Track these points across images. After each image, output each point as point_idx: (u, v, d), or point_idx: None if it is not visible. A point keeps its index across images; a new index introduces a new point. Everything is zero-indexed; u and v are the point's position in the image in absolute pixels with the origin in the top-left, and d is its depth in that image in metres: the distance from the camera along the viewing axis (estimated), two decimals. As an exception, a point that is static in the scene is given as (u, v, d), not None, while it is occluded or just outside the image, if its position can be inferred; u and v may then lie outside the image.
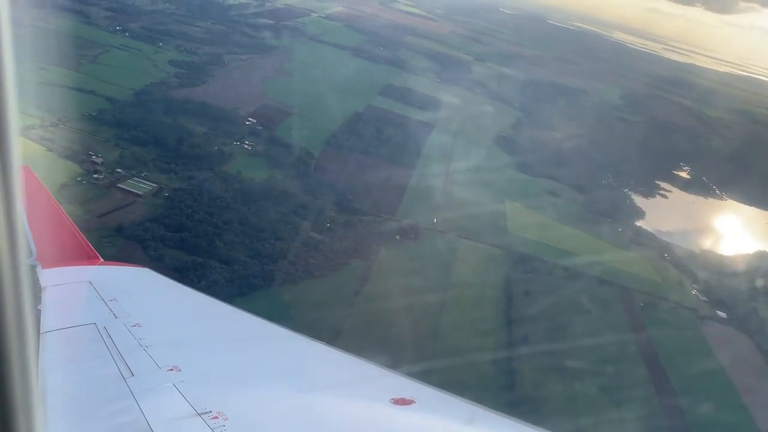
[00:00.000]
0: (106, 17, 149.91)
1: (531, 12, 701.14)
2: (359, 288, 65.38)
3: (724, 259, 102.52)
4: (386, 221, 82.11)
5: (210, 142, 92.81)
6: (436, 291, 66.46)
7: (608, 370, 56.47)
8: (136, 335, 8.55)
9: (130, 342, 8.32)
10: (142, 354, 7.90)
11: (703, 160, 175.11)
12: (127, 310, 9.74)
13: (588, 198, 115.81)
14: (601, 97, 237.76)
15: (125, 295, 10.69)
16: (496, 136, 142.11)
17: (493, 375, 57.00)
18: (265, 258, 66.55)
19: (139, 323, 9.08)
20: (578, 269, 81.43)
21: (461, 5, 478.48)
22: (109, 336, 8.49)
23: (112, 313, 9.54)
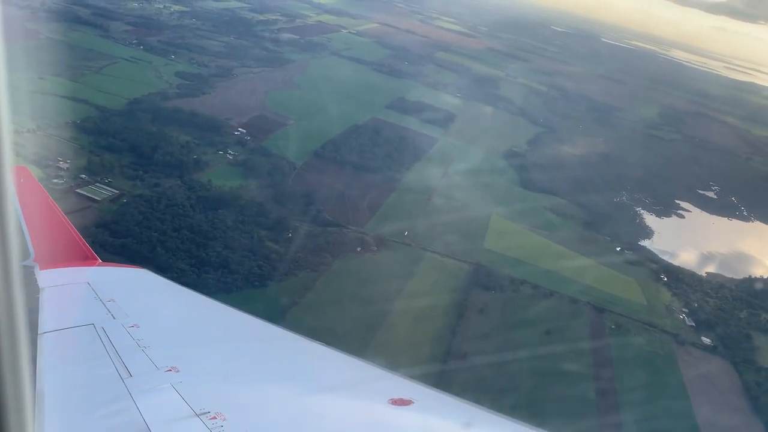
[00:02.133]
0: (125, 31, 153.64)
1: (585, 30, 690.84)
2: (298, 300, 63.22)
3: (729, 283, 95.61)
4: (352, 233, 79.81)
5: (189, 151, 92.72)
6: (379, 306, 63.66)
7: (536, 404, 52.36)
8: (134, 336, 8.67)
9: (128, 342, 8.43)
10: (140, 354, 8.02)
11: (735, 180, 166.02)
12: (125, 310, 9.84)
13: (592, 216, 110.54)
14: (638, 114, 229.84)
15: (123, 296, 10.84)
16: (507, 151, 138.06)
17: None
18: (205, 266, 65.23)
19: (137, 324, 9.20)
20: (551, 288, 77.02)
21: (509, 23, 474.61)
22: (107, 336, 8.59)
23: (111, 313, 9.64)
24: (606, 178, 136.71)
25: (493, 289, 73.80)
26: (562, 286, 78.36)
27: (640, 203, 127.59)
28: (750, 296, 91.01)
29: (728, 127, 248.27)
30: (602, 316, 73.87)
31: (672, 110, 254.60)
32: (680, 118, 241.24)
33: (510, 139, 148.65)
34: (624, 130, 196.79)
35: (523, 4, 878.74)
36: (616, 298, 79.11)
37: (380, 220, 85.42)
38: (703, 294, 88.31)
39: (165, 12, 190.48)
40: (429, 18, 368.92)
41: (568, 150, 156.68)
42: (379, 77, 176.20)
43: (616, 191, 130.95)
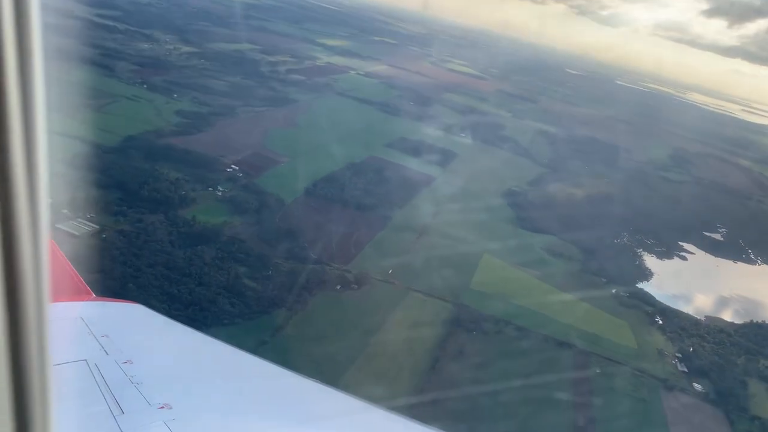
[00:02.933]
0: (131, 71, 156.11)
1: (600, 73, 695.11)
2: (267, 339, 61.68)
3: (728, 328, 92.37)
4: (334, 271, 78.42)
5: (178, 187, 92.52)
6: (351, 347, 61.95)
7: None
8: (127, 372, 8.62)
9: (121, 379, 8.37)
10: (133, 391, 7.99)
11: (744, 223, 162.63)
12: (118, 346, 9.75)
13: (590, 257, 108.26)
14: (647, 156, 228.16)
15: (117, 332, 10.67)
16: (506, 191, 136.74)
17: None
18: (176, 303, 64.10)
19: (130, 360, 9.14)
20: (536, 330, 74.73)
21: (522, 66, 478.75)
22: (99, 373, 8.52)
23: (104, 349, 9.54)
24: (608, 219, 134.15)
25: (475, 331, 71.70)
26: (549, 327, 76.05)
27: (641, 245, 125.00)
28: (749, 342, 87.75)
29: (741, 170, 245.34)
30: (587, 359, 71.23)
31: (683, 152, 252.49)
32: (691, 160, 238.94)
33: (511, 179, 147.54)
34: (631, 172, 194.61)
35: (539, 48, 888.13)
36: (604, 341, 76.47)
37: (365, 258, 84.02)
38: (699, 338, 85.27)
39: (174, 53, 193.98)
40: (440, 60, 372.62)
41: (570, 190, 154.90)
42: (382, 117, 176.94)
43: (617, 232, 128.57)
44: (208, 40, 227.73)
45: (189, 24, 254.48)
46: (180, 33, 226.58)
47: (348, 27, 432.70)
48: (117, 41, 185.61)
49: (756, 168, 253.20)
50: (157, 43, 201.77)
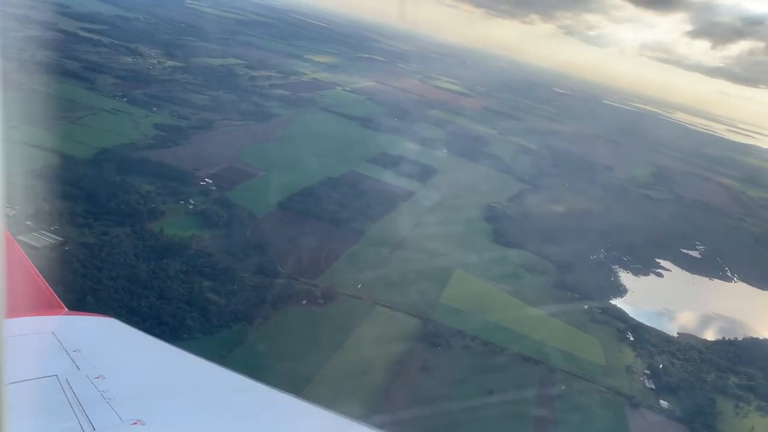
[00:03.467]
0: (112, 84, 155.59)
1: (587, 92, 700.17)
2: (225, 354, 60.65)
3: (700, 345, 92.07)
4: (301, 285, 77.63)
5: (148, 200, 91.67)
6: (311, 362, 61.08)
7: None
8: (99, 387, 8.48)
9: (92, 394, 8.22)
10: (105, 407, 7.84)
11: (723, 241, 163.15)
12: (90, 361, 9.59)
13: (564, 273, 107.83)
14: (629, 173, 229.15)
15: (89, 346, 10.50)
16: (485, 206, 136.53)
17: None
18: (134, 317, 63.02)
19: (102, 375, 8.99)
20: (503, 346, 74.11)
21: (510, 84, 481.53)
22: (70, 388, 8.37)
23: (75, 364, 9.38)
24: (586, 236, 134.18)
25: (440, 346, 71.00)
26: (517, 343, 75.47)
27: (617, 261, 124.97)
28: (720, 359, 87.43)
29: (723, 188, 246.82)
30: (553, 376, 70.58)
31: (666, 170, 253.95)
32: (674, 179, 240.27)
33: (491, 195, 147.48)
34: (612, 189, 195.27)
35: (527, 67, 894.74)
36: (572, 358, 75.93)
37: (335, 273, 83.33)
38: (670, 355, 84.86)
39: (158, 67, 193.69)
40: (428, 78, 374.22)
41: (550, 207, 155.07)
42: (365, 132, 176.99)
43: (594, 249, 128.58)
44: (193, 55, 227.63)
45: (175, 39, 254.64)
46: (165, 47, 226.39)
47: (336, 44, 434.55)
48: (100, 55, 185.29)
49: (737, 186, 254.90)
50: (140, 57, 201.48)
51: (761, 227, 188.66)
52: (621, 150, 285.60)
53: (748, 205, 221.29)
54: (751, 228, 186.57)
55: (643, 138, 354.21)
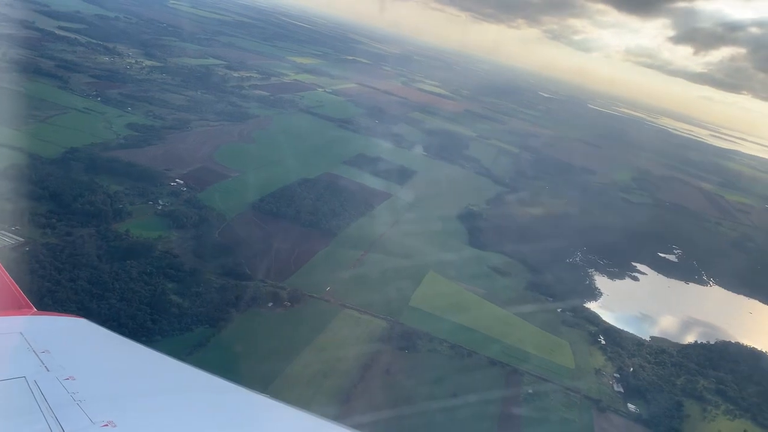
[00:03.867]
0: (86, 83, 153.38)
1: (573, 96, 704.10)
2: (184, 357, 59.11)
3: (672, 348, 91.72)
4: (268, 287, 76.35)
5: (115, 201, 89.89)
6: (271, 366, 59.89)
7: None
8: (69, 389, 8.41)
9: (62, 396, 8.15)
10: (75, 409, 7.78)
11: (700, 244, 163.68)
12: (60, 362, 9.48)
13: (538, 276, 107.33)
14: (610, 178, 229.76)
15: (59, 347, 10.35)
16: (462, 209, 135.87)
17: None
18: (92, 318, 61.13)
19: (72, 376, 8.93)
20: (471, 349, 73.25)
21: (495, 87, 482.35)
22: (39, 390, 8.28)
23: (44, 365, 9.29)
24: (563, 240, 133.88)
25: (407, 349, 70.02)
26: (485, 346, 74.65)
27: (593, 265, 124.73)
28: (691, 362, 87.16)
29: (702, 193, 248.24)
30: (520, 379, 69.83)
31: (648, 175, 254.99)
32: (655, 183, 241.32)
33: (469, 198, 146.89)
34: (592, 193, 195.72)
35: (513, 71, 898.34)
36: (541, 361, 75.22)
37: (304, 275, 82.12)
38: (641, 359, 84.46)
39: (136, 67, 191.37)
40: (412, 81, 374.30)
41: (528, 210, 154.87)
42: (343, 133, 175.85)
43: (570, 252, 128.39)
44: (172, 55, 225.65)
45: (155, 39, 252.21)
46: (145, 47, 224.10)
47: (321, 46, 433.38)
48: (76, 53, 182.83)
49: (716, 191, 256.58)
50: (118, 56, 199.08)
51: (738, 231, 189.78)
52: (603, 154, 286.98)
53: (727, 209, 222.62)
54: (728, 232, 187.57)
55: (626, 142, 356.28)
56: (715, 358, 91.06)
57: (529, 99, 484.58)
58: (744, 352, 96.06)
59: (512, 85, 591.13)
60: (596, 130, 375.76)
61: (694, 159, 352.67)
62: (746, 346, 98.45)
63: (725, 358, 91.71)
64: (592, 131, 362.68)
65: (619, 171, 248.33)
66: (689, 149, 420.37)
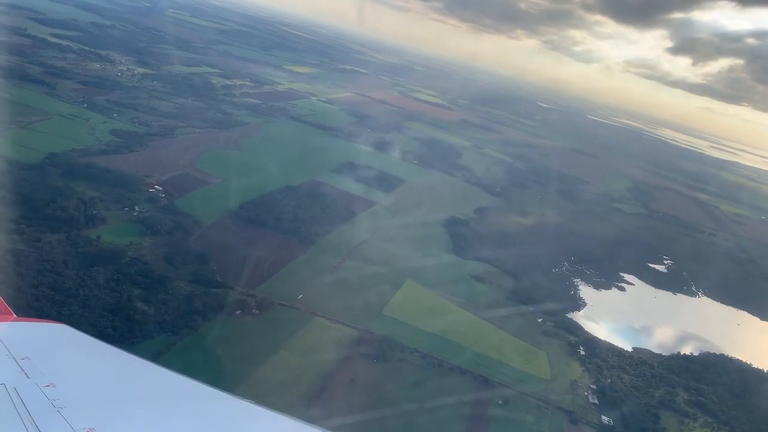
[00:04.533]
0: (74, 90, 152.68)
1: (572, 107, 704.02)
2: (142, 364, 57.83)
3: (653, 359, 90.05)
4: (238, 295, 75.06)
5: (89, 207, 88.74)
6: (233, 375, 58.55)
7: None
8: (49, 396, 8.39)
9: (42, 403, 8.12)
10: (56, 416, 7.76)
11: (691, 255, 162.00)
12: (40, 369, 9.45)
13: (521, 285, 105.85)
14: (604, 188, 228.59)
15: (39, 353, 10.32)
16: (448, 218, 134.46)
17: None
18: (50, 325, 60.17)
19: (53, 383, 8.90)
20: (443, 359, 71.79)
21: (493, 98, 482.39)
22: (19, 397, 8.24)
23: (24, 372, 9.25)
24: (551, 249, 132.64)
25: (375, 358, 68.58)
26: (458, 356, 73.18)
27: (580, 275, 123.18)
28: (672, 374, 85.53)
29: (698, 203, 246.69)
30: (491, 390, 68.28)
31: (643, 185, 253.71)
32: (649, 193, 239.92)
33: (456, 206, 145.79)
34: (584, 203, 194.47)
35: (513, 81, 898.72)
36: (515, 371, 73.71)
37: (277, 283, 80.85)
38: (620, 370, 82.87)
39: (127, 74, 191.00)
40: (410, 90, 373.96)
41: (517, 219, 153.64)
42: (333, 142, 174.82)
43: (557, 262, 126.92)
44: (165, 63, 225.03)
45: (150, 47, 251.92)
46: (138, 55, 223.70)
47: (320, 55, 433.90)
48: (66, 60, 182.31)
49: (712, 202, 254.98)
50: (109, 63, 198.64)
51: (732, 242, 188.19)
52: (599, 164, 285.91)
53: (721, 220, 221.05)
54: (721, 243, 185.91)
55: (623, 153, 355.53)
56: (697, 370, 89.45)
57: (528, 109, 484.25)
58: (728, 364, 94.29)
59: (511, 95, 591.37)
60: (593, 141, 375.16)
61: (691, 170, 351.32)
62: (731, 358, 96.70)
63: (708, 370, 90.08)
64: (588, 141, 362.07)
65: (614, 181, 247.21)
66: (687, 160, 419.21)
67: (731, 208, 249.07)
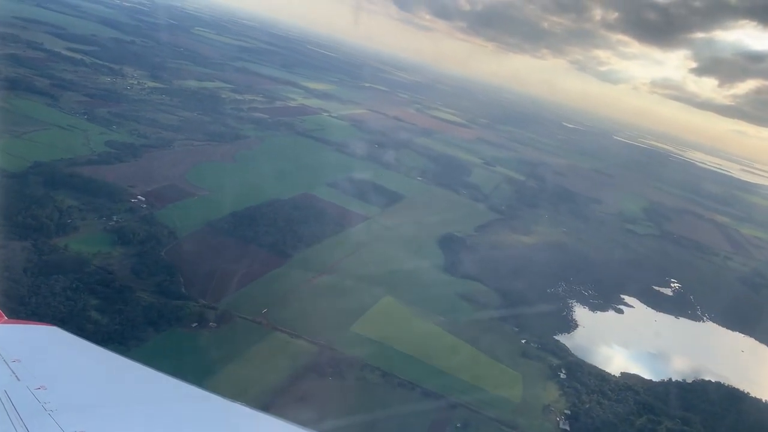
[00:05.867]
0: (77, 102, 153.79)
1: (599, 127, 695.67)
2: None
3: (640, 386, 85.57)
4: (198, 307, 73.11)
5: (66, 215, 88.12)
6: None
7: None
8: (40, 399, 8.34)
9: (33, 406, 8.08)
10: (47, 419, 7.71)
11: (702, 278, 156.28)
12: (31, 371, 9.42)
13: (511, 305, 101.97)
14: (618, 208, 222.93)
15: (30, 356, 10.29)
16: (445, 235, 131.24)
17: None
18: (-8, 332, 58.81)
19: (44, 386, 8.82)
20: (406, 379, 68.73)
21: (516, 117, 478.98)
22: (9, 400, 8.16)
23: (15, 375, 9.18)
24: (549, 269, 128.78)
25: (332, 376, 65.85)
26: (423, 376, 70.03)
27: (576, 296, 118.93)
28: (658, 401, 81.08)
29: (717, 226, 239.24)
30: (452, 412, 64.97)
31: (660, 206, 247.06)
32: (666, 215, 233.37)
33: (456, 224, 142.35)
34: (594, 223, 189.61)
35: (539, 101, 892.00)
36: (483, 394, 70.23)
37: (244, 296, 78.83)
38: (601, 395, 78.70)
39: (136, 87, 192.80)
40: (427, 108, 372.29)
41: (519, 238, 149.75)
42: (336, 156, 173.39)
43: (554, 283, 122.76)
44: (179, 78, 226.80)
45: (166, 62, 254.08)
46: (153, 69, 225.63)
47: (342, 73, 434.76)
48: (77, 73, 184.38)
49: (732, 224, 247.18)
50: (121, 77, 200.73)
51: (748, 266, 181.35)
52: (617, 184, 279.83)
53: (740, 243, 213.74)
54: (737, 267, 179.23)
55: (644, 174, 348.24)
56: (688, 398, 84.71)
57: (551, 129, 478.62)
58: (722, 391, 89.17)
59: (535, 115, 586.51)
60: (614, 161, 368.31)
61: (715, 192, 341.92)
62: (727, 386, 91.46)
63: (700, 398, 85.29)
64: (609, 161, 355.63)
65: (630, 201, 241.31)
66: (712, 182, 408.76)
67: (752, 231, 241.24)
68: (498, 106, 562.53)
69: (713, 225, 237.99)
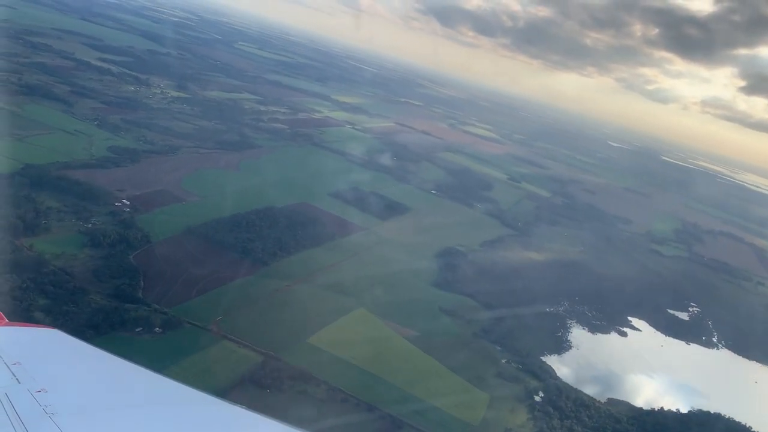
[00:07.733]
0: (93, 108, 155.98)
1: (644, 147, 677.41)
2: None
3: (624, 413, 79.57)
4: (148, 312, 71.08)
5: (41, 216, 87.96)
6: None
7: None
8: (41, 402, 8.37)
9: (34, 409, 8.10)
10: (47, 422, 7.74)
11: (726, 304, 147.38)
12: (31, 374, 9.37)
13: (498, 322, 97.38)
14: (647, 228, 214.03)
15: (30, 358, 10.20)
16: (445, 249, 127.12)
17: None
18: None
19: (44, 388, 8.84)
20: (353, 395, 65.07)
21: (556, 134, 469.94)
22: (10, 403, 8.16)
23: (15, 377, 9.15)
24: (554, 288, 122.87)
25: (269, 388, 62.71)
26: (374, 393, 66.27)
27: (577, 316, 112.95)
28: (642, 431, 75.02)
29: (755, 250, 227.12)
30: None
31: (694, 228, 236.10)
32: (698, 236, 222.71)
33: (461, 238, 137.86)
34: (617, 242, 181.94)
35: (585, 119, 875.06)
36: (439, 414, 66.01)
37: (201, 303, 76.62)
38: (576, 421, 73.33)
39: (158, 96, 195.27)
40: (461, 123, 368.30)
41: (528, 255, 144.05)
42: (346, 167, 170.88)
43: (556, 301, 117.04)
44: (205, 89, 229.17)
45: (197, 74, 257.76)
46: (180, 80, 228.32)
47: (377, 87, 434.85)
48: (101, 82, 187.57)
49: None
50: (145, 86, 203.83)
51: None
52: (650, 204, 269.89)
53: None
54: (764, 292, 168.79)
55: (684, 194, 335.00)
56: (677, 429, 78.48)
57: (592, 147, 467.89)
58: (718, 423, 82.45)
59: (578, 133, 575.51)
60: (654, 181, 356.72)
61: (760, 215, 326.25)
62: (725, 417, 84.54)
63: (689, 429, 78.86)
64: (648, 181, 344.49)
65: (661, 222, 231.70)
66: (761, 205, 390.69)
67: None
68: (538, 122, 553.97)
69: (751, 249, 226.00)
